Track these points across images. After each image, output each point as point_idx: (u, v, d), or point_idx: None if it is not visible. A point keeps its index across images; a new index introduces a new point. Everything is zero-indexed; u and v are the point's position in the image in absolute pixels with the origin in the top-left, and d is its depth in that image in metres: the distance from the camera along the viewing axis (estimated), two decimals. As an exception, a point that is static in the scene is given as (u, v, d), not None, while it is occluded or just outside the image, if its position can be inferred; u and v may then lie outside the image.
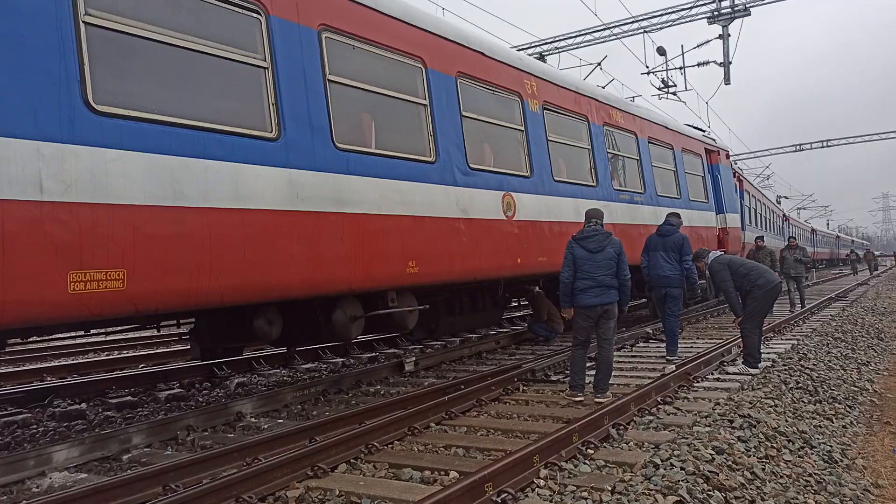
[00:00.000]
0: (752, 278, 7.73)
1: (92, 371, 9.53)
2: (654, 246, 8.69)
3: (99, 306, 4.22)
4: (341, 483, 4.18)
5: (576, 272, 6.32)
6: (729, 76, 19.86)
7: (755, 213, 23.64)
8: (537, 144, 8.91)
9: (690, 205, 13.80)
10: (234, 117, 5.17)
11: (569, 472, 4.20)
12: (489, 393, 6.55)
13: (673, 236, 8.61)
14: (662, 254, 8.50)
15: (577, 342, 6.51)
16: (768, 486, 4.24)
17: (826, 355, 9.20)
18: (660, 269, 8.48)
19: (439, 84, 7.31)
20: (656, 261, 8.53)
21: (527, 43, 22.28)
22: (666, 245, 8.54)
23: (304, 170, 5.59)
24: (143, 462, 4.90)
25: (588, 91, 10.67)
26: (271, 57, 5.45)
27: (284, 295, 5.46)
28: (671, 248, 8.49)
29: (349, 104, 6.32)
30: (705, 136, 16.13)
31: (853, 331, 12.16)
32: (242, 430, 5.81)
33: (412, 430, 5.33)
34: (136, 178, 4.43)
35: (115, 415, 6.62)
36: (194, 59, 4.97)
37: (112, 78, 4.48)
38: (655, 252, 8.59)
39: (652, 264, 8.62)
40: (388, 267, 6.35)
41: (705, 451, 4.47)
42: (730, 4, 19.06)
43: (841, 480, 4.76)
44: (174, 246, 4.60)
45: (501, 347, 10.22)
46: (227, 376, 8.31)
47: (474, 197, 7.61)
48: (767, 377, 7.24)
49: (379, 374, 8.03)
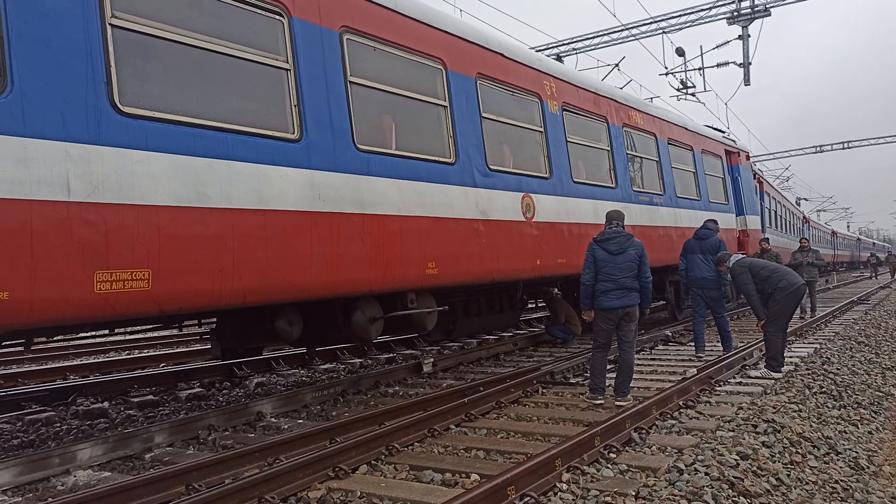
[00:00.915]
0: (773, 280, 7.64)
1: (113, 370, 9.64)
2: (692, 249, 9.22)
3: (124, 306, 4.26)
4: (363, 484, 4.19)
5: (597, 274, 6.28)
6: (749, 77, 19.66)
7: (775, 216, 23.37)
8: (556, 146, 8.87)
9: (710, 207, 13.67)
10: (256, 119, 5.20)
11: (591, 476, 4.17)
12: (508, 395, 6.52)
13: (710, 239, 9.12)
14: (700, 256, 9.02)
15: (597, 345, 6.47)
16: (794, 493, 4.18)
17: (849, 359, 9.07)
18: (698, 271, 8.98)
19: (459, 85, 7.30)
20: (695, 263, 9.05)
21: (544, 44, 22.21)
22: (704, 248, 9.03)
23: (326, 171, 5.60)
24: (166, 461, 4.94)
25: (607, 92, 10.60)
26: (293, 59, 5.47)
27: (305, 295, 5.48)
28: (709, 250, 8.96)
29: (370, 105, 6.33)
30: (725, 138, 15.97)
31: (876, 335, 11.98)
32: (263, 431, 5.83)
33: (432, 431, 5.32)
34: (161, 179, 4.46)
35: (137, 413, 6.69)
36: (218, 61, 5.00)
37: (138, 80, 4.52)
38: (693, 255, 9.08)
39: (690, 266, 9.12)
40: (407, 268, 6.35)
41: (729, 456, 4.42)
42: (749, 5, 18.88)
43: (868, 487, 4.69)
44: (198, 247, 4.63)
45: (519, 349, 10.19)
46: (246, 376, 8.36)
47: (493, 198, 7.59)
48: (790, 381, 7.15)
49: (397, 375, 8.03)
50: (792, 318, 7.92)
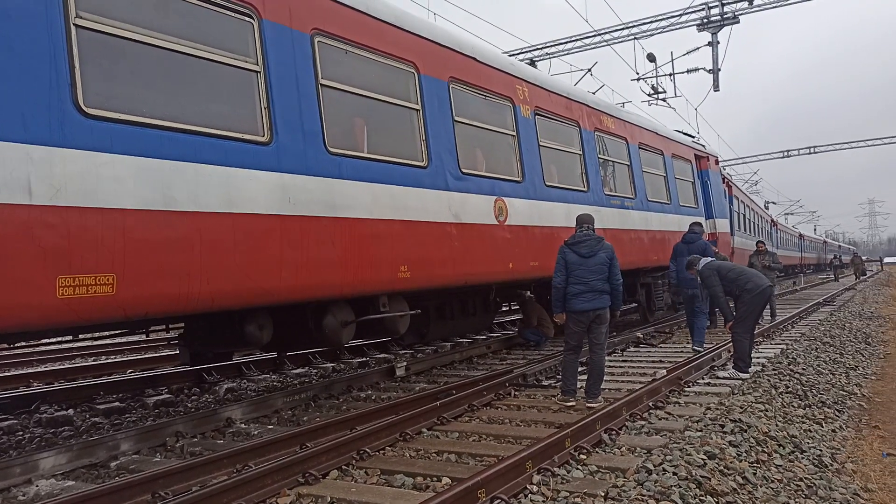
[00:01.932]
0: (740, 283, 7.78)
1: (79, 376, 9.43)
2: (681, 252, 9.93)
3: (88, 311, 4.17)
4: (333, 489, 4.16)
5: (568, 277, 6.33)
6: (718, 83, 20.00)
7: (744, 219, 23.80)
8: (529, 149, 8.93)
9: (680, 210, 13.88)
10: (226, 121, 5.14)
11: (561, 477, 4.20)
12: (481, 398, 6.54)
13: (698, 243, 9.88)
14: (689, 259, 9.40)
15: (569, 347, 6.51)
16: (760, 491, 4.25)
17: (815, 360, 9.26)
18: (688, 273, 9.26)
19: (432, 89, 7.31)
20: (684, 265, 9.36)
21: (518, 48, 22.34)
22: (692, 251, 9.59)
23: (296, 174, 5.56)
24: (132, 469, 4.85)
25: (579, 97, 10.71)
26: (263, 61, 5.43)
27: (275, 299, 5.43)
28: (697, 252, 9.42)
29: (342, 108, 6.30)
30: (695, 142, 16.23)
31: (841, 335, 12.25)
32: (232, 437, 5.76)
33: (404, 435, 5.30)
34: (126, 181, 4.39)
35: (103, 421, 6.55)
36: (186, 63, 4.94)
37: (103, 81, 4.44)
38: (683, 258, 9.54)
39: (680, 269, 9.70)
40: (379, 272, 6.33)
41: (697, 455, 4.48)
42: (719, 12, 19.22)
43: (831, 485, 4.79)
44: (165, 250, 4.56)
45: (492, 352, 10.22)
46: (216, 382, 8.25)
47: (466, 202, 7.61)
48: (758, 382, 7.27)
49: (370, 379, 8.00)
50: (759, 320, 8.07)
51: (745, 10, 19.02)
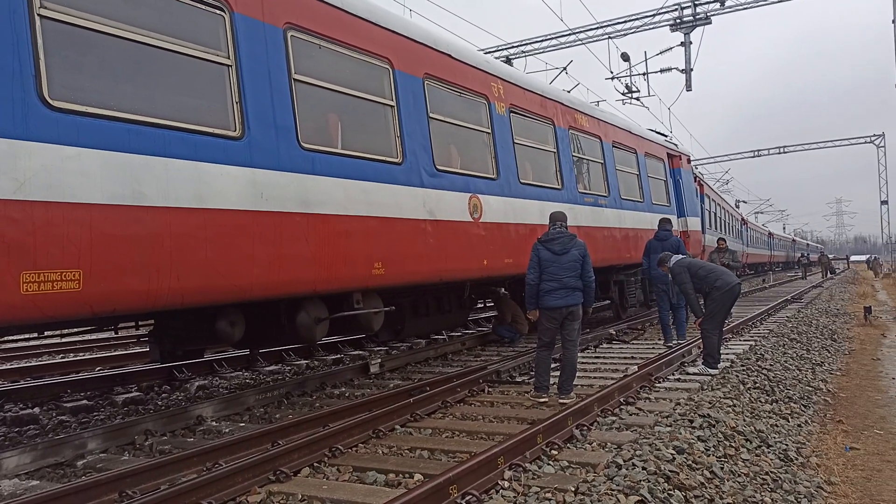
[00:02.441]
0: (710, 280, 7.90)
1: (46, 374, 9.24)
2: (654, 249, 10.16)
3: (53, 308, 4.09)
4: (304, 487, 4.14)
5: (541, 274, 6.37)
6: (690, 83, 20.27)
7: (715, 217, 24.17)
8: (504, 147, 8.95)
9: (653, 208, 14.03)
10: (196, 115, 5.07)
11: (533, 473, 4.23)
12: (455, 394, 6.55)
13: (670, 240, 10.17)
14: None
15: (542, 343, 6.56)
16: (727, 485, 4.33)
17: (782, 356, 9.45)
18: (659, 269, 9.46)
19: (406, 85, 7.29)
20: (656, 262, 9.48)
21: (494, 46, 22.40)
22: (665, 248, 9.80)
23: (269, 169, 5.51)
24: (99, 468, 4.77)
25: (554, 95, 10.76)
26: (235, 55, 5.36)
27: (247, 296, 5.38)
28: (671, 249, 9.61)
29: (315, 104, 6.25)
30: (667, 141, 16.42)
31: (808, 332, 12.52)
32: (203, 435, 5.70)
33: (377, 432, 5.30)
34: (93, 176, 4.30)
35: (70, 419, 6.44)
36: (156, 56, 4.86)
37: (69, 73, 4.35)
38: (656, 254, 9.64)
39: (652, 264, 9.83)
40: (353, 268, 6.30)
41: (666, 450, 4.54)
42: (692, 13, 19.47)
43: (796, 478, 4.89)
44: (133, 246, 4.48)
45: (467, 349, 10.25)
46: (187, 379, 8.15)
47: (441, 198, 7.61)
48: (726, 377, 7.40)
49: (344, 376, 7.97)
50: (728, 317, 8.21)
51: (716, 10, 19.30)
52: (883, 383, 9.14)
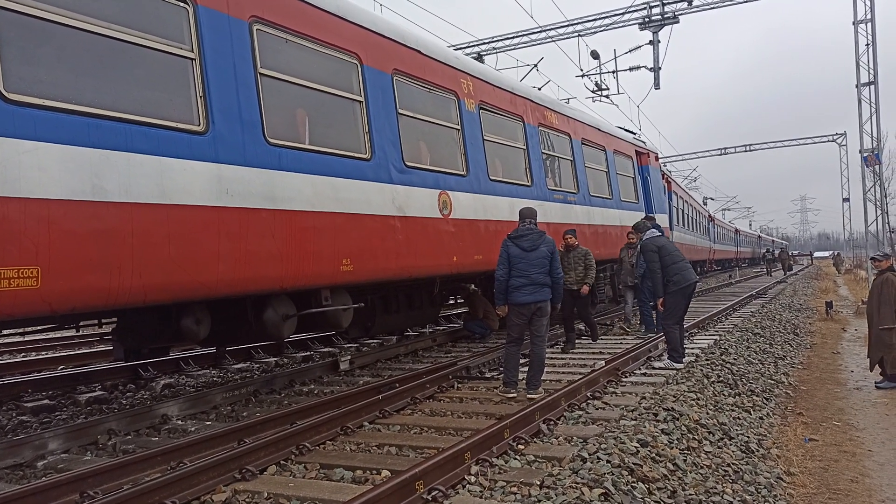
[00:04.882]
0: (670, 272, 7.97)
1: (5, 373, 9.01)
2: None
3: (10, 305, 3.99)
4: (270, 485, 4.11)
5: (510, 270, 6.40)
6: (659, 81, 20.52)
7: (682, 214, 24.54)
8: (473, 144, 8.97)
9: (621, 205, 14.20)
10: (159, 109, 4.98)
11: (499, 467, 4.26)
12: (424, 391, 6.56)
13: None
14: None
15: (510, 339, 6.60)
16: (689, 477, 4.41)
17: (746, 350, 9.65)
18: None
19: (375, 81, 7.26)
20: None
21: (465, 42, 22.40)
22: None
23: (234, 165, 5.44)
24: (60, 468, 4.67)
25: (523, 92, 10.81)
26: (199, 48, 5.28)
27: (213, 293, 5.31)
28: None
29: (282, 99, 6.19)
30: (636, 139, 16.62)
31: (771, 326, 12.80)
32: (168, 434, 5.62)
33: (345, 429, 5.28)
34: (51, 170, 4.21)
35: (31, 419, 6.29)
36: (117, 48, 4.76)
37: (27, 65, 4.24)
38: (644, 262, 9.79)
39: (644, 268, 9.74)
40: (321, 265, 6.26)
41: (630, 444, 4.61)
42: (660, 12, 19.71)
43: (757, 469, 5.01)
44: (93, 242, 4.39)
45: (438, 345, 10.26)
46: (152, 378, 8.01)
47: (410, 195, 7.60)
48: (691, 371, 7.53)
49: (313, 373, 7.92)
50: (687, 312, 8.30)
51: (684, 10, 19.57)
52: (842, 376, 9.39)
